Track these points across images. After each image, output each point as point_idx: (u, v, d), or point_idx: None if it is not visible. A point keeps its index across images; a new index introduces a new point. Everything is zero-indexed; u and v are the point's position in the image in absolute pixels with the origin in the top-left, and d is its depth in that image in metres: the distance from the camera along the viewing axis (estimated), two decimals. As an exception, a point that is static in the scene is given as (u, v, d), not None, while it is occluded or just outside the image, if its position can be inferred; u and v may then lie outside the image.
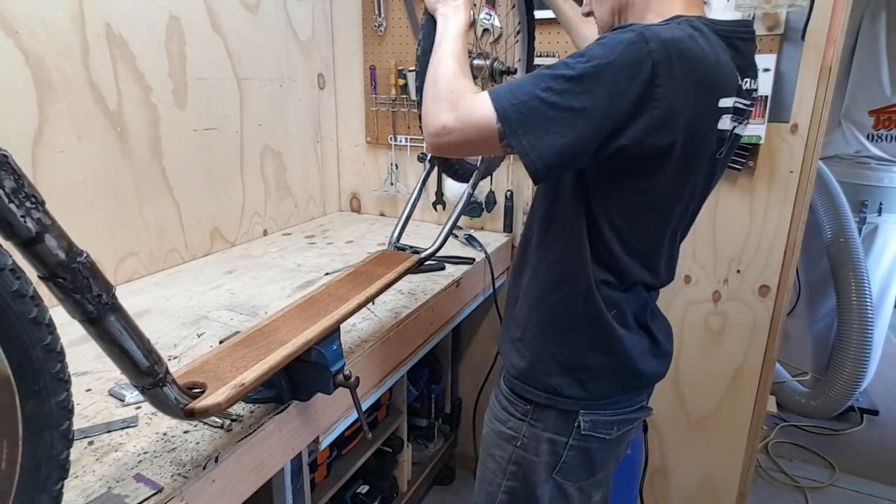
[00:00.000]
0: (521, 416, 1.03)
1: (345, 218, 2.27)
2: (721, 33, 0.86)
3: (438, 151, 0.88)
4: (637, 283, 0.96)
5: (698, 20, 0.85)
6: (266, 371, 0.84)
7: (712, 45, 0.83)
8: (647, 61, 0.76)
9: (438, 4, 1.03)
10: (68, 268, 0.57)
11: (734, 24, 0.89)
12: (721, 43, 0.85)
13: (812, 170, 1.59)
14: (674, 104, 0.78)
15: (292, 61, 2.00)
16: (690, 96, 0.79)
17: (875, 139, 2.80)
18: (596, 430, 1.00)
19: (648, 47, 0.76)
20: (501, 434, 1.06)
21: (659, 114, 0.78)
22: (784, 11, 1.50)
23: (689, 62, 0.78)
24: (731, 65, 0.86)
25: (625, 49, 0.76)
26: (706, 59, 0.80)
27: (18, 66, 1.22)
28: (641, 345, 1.00)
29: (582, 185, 0.91)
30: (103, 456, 0.84)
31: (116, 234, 1.48)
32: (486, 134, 0.81)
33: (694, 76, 0.79)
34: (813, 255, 2.72)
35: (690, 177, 0.89)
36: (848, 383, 2.58)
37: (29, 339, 0.53)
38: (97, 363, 1.10)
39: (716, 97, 0.83)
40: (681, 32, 0.79)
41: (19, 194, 0.52)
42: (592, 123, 0.77)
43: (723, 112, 0.85)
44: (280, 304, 1.34)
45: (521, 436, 1.03)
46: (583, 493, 1.06)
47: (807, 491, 2.33)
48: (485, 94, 0.82)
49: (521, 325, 1.04)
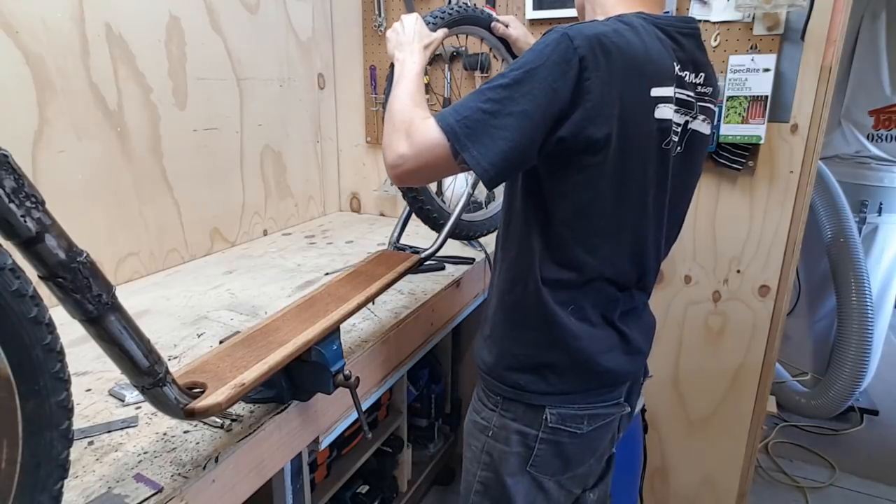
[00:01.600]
0: (492, 407, 1.05)
1: (345, 218, 2.27)
2: (660, 26, 0.91)
3: (401, 181, 0.91)
4: (596, 278, 0.96)
5: (634, 16, 0.90)
6: (266, 371, 0.84)
7: (641, 37, 0.86)
8: (574, 57, 0.80)
9: (396, 51, 1.09)
10: (68, 267, 0.57)
11: (675, 19, 0.95)
12: (660, 35, 0.90)
13: (812, 170, 1.59)
14: (603, 95, 0.82)
15: (292, 61, 2.01)
16: (618, 86, 0.83)
17: (875, 139, 2.80)
18: (564, 423, 1.01)
19: (573, 44, 0.80)
20: (476, 424, 1.08)
21: (591, 105, 0.82)
22: (784, 11, 1.50)
23: (613, 54, 0.82)
24: (668, 55, 0.89)
25: (553, 50, 0.81)
26: (632, 50, 0.84)
27: (18, 66, 1.22)
28: (606, 341, 1.00)
29: (533, 186, 0.94)
30: (103, 456, 0.84)
31: (116, 234, 1.48)
32: (439, 154, 0.84)
33: (620, 67, 0.83)
34: (813, 255, 2.72)
35: (634, 168, 0.90)
36: (848, 383, 2.58)
37: (29, 338, 0.53)
38: (97, 363, 1.10)
39: (646, 86, 0.86)
40: (604, 27, 0.84)
41: (19, 194, 0.52)
42: (532, 123, 0.81)
43: (658, 101, 0.88)
44: (280, 304, 1.34)
45: (491, 426, 1.05)
46: (563, 489, 1.07)
47: (807, 491, 2.33)
48: (432, 118, 0.85)
49: (489, 323, 1.07)
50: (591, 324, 0.99)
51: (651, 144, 0.90)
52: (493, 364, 1.05)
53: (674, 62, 0.90)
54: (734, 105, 1.59)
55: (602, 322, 1.00)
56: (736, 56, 1.57)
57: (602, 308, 0.99)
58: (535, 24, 1.84)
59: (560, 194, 0.91)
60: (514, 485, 1.04)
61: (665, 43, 0.90)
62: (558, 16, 1.77)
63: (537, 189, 0.93)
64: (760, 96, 1.56)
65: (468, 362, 2.32)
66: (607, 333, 1.01)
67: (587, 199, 0.90)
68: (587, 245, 0.93)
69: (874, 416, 2.84)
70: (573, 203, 0.91)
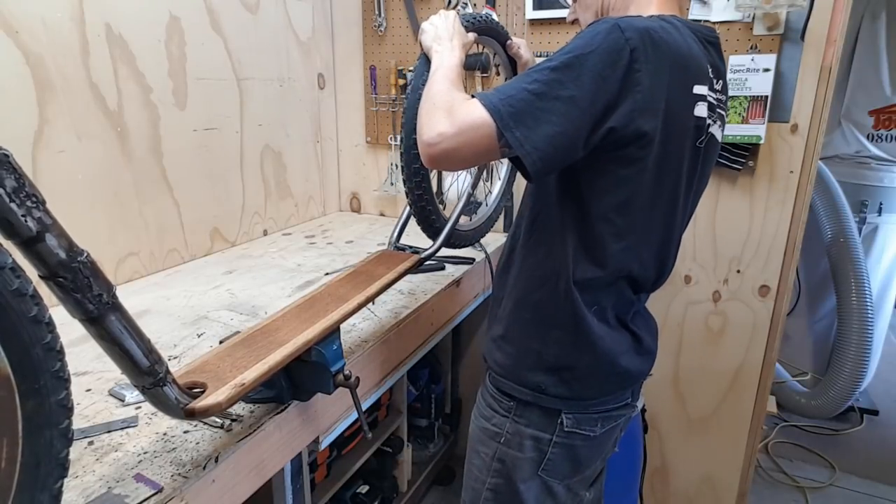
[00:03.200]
0: (504, 413, 1.03)
1: (345, 218, 2.27)
2: (693, 29, 0.93)
3: (435, 162, 0.85)
4: (622, 278, 0.96)
5: (672, 17, 0.91)
6: (266, 371, 0.84)
7: (684, 37, 0.88)
8: (625, 48, 0.79)
9: (434, 43, 1.06)
10: (69, 267, 0.57)
11: (703, 27, 0.97)
12: (694, 37, 0.91)
13: (812, 170, 1.59)
14: (652, 87, 0.81)
15: (292, 61, 2.01)
16: (666, 80, 0.83)
17: (875, 139, 2.80)
18: (579, 426, 1.01)
19: (625, 35, 0.80)
20: (486, 430, 1.07)
21: (641, 97, 0.81)
22: (784, 11, 1.50)
23: (662, 48, 0.82)
24: (703, 57, 0.91)
25: (603, 38, 0.80)
26: (678, 47, 0.85)
27: (18, 66, 1.22)
28: (623, 343, 1.01)
29: (570, 183, 0.93)
30: (103, 456, 0.84)
31: (116, 234, 1.48)
32: (483, 133, 0.80)
33: (668, 61, 0.83)
34: (813, 255, 2.72)
35: (672, 163, 0.90)
36: (848, 383, 2.58)
37: (29, 337, 0.53)
38: (97, 363, 1.10)
39: (689, 83, 0.87)
40: (651, 23, 0.84)
41: (20, 193, 0.52)
42: (580, 110, 0.79)
43: (698, 99, 0.89)
44: (280, 304, 1.34)
45: (504, 432, 1.03)
46: (570, 492, 1.07)
47: (807, 491, 2.33)
48: (475, 99, 0.83)
49: (503, 323, 1.06)
50: (609, 325, 0.99)
51: (688, 142, 0.91)
52: (509, 365, 1.03)
53: (707, 65, 0.92)
54: (734, 105, 1.59)
55: (617, 324, 1.00)
56: (736, 56, 1.57)
57: (618, 310, 1.00)
58: (535, 25, 1.84)
59: (602, 190, 0.89)
60: (526, 490, 1.03)
61: (700, 45, 0.92)
62: (558, 16, 1.77)
63: (575, 185, 0.92)
64: (760, 96, 1.56)
65: (468, 362, 2.31)
66: (622, 335, 1.01)
67: (629, 193, 0.89)
68: (623, 242, 0.93)
69: (874, 416, 2.84)
70: (615, 198, 0.89)
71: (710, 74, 0.92)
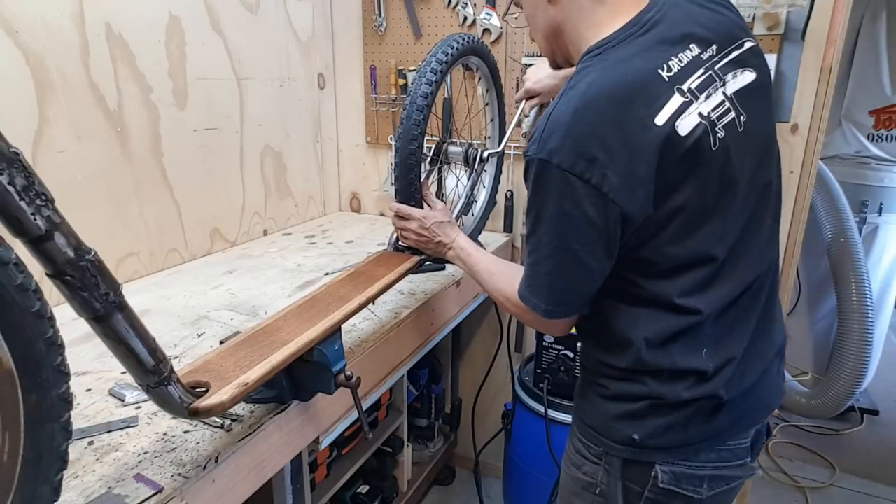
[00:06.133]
0: (595, 460, 0.95)
1: (345, 218, 2.27)
2: None
3: None
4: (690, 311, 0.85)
5: (621, 30, 0.81)
6: (269, 371, 0.84)
7: (638, 60, 0.78)
8: (565, 176, 0.76)
9: (445, 250, 1.23)
10: (77, 266, 0.57)
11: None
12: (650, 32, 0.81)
13: (812, 170, 1.59)
14: (624, 174, 0.76)
15: (292, 61, 2.00)
16: (624, 149, 0.75)
17: (875, 139, 2.80)
18: (679, 485, 0.89)
19: (553, 163, 0.77)
20: (578, 481, 0.98)
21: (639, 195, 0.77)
22: (784, 11, 1.51)
23: (597, 136, 0.76)
24: (654, 62, 0.78)
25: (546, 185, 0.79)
26: (616, 109, 0.76)
27: (18, 66, 1.22)
28: None
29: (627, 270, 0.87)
30: (103, 456, 0.84)
31: (116, 233, 1.48)
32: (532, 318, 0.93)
33: (609, 137, 0.76)
34: (813, 255, 2.72)
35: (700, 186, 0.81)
36: (848, 383, 2.58)
37: (32, 332, 0.53)
38: (98, 363, 1.10)
39: (649, 122, 0.76)
40: (568, 107, 0.77)
41: (30, 192, 0.53)
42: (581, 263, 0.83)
43: (673, 119, 0.77)
44: (280, 304, 1.34)
45: (598, 482, 0.94)
46: None
47: (807, 491, 2.33)
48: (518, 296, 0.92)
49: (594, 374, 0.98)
50: None
51: (699, 159, 0.79)
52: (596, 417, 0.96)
53: (660, 65, 0.78)
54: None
55: None
56: (736, 56, 1.57)
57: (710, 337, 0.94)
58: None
59: (655, 249, 0.83)
60: None
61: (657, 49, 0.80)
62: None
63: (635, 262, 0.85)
64: (761, 96, 1.56)
65: (468, 362, 2.31)
66: None
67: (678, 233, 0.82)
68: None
69: (874, 416, 2.84)
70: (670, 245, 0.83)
71: (662, 72, 0.78)
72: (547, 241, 0.82)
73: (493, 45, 1.89)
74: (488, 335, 2.22)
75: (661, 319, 0.85)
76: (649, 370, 0.87)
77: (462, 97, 1.96)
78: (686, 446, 0.89)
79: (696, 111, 0.78)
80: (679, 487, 0.89)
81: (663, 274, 0.84)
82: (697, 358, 0.86)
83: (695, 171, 0.79)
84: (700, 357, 0.86)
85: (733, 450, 0.91)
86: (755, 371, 0.92)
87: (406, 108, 1.25)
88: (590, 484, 0.95)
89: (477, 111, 1.92)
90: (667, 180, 0.78)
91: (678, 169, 0.78)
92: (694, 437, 0.88)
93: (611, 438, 0.91)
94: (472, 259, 1.15)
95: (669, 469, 0.88)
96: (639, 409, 0.89)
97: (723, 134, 0.81)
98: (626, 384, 0.90)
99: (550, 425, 1.68)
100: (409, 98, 1.25)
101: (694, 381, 0.86)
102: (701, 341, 0.86)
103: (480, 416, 2.21)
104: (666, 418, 0.88)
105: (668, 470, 0.88)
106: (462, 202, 1.61)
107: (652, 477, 0.89)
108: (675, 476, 0.88)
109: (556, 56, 0.98)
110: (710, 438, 0.89)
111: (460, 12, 1.92)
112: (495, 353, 2.10)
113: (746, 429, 0.92)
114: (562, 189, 0.77)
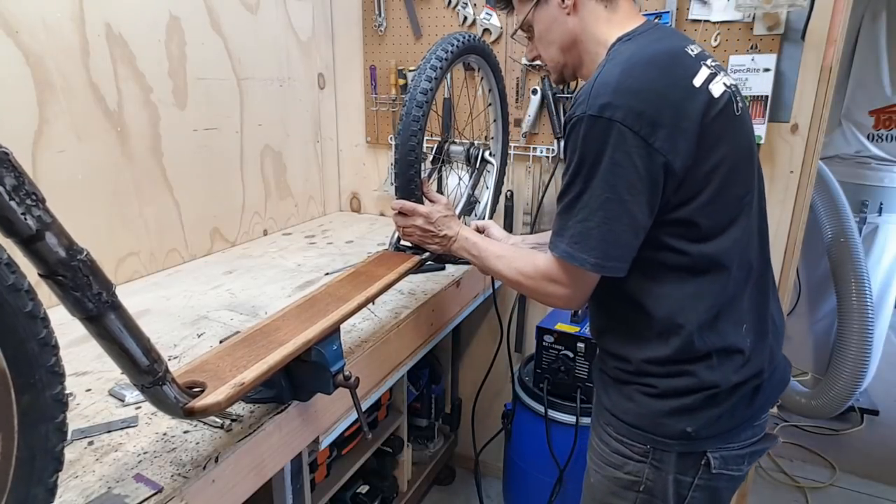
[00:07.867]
0: (640, 458, 0.95)
1: (345, 218, 2.27)
2: None
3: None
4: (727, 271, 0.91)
5: (638, 29, 0.93)
6: (266, 371, 0.84)
7: (666, 41, 0.91)
8: (617, 128, 0.81)
9: (450, 244, 1.21)
10: (68, 265, 0.57)
11: None
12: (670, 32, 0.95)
13: (812, 170, 1.58)
14: (669, 126, 0.82)
15: (292, 61, 2.00)
16: (669, 106, 0.83)
17: (875, 139, 2.79)
18: (727, 466, 0.93)
19: (605, 117, 0.81)
20: (618, 480, 0.98)
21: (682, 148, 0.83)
22: (784, 11, 1.50)
23: (644, 91, 0.83)
24: (680, 43, 0.91)
25: (597, 138, 0.83)
26: (659, 71, 0.85)
27: (18, 66, 1.22)
28: None
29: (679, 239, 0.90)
30: (103, 456, 0.84)
31: (116, 233, 1.48)
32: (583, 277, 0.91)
33: (655, 94, 0.83)
34: (813, 255, 2.72)
35: (734, 144, 0.89)
36: (848, 383, 2.58)
37: (24, 332, 0.53)
38: (98, 363, 1.09)
39: (688, 83, 0.86)
40: (615, 69, 0.84)
41: (20, 192, 0.52)
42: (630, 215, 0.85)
43: (706, 83, 0.87)
44: (280, 304, 1.34)
45: (643, 479, 0.95)
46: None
47: (807, 491, 2.33)
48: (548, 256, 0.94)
49: None
50: None
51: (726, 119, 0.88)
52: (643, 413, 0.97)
53: (690, 43, 0.92)
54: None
55: None
56: (736, 56, 1.57)
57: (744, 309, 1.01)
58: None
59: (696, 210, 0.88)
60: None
61: (677, 36, 0.94)
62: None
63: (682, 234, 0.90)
64: (760, 96, 1.56)
65: (468, 362, 2.31)
66: None
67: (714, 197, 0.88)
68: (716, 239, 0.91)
69: (874, 416, 2.84)
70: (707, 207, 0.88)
71: (691, 49, 0.91)
72: (598, 194, 0.84)
73: (492, 45, 1.89)
74: (488, 335, 2.22)
75: (707, 295, 0.89)
76: (698, 355, 0.90)
77: (464, 97, 1.96)
78: (732, 430, 0.93)
79: (721, 81, 0.89)
80: (727, 469, 0.93)
81: (706, 237, 0.88)
82: (738, 334, 0.91)
83: (729, 130, 0.88)
84: (740, 333, 0.91)
85: (762, 424, 0.98)
86: (778, 346, 0.99)
87: (406, 105, 1.24)
88: (633, 482, 0.96)
89: (479, 112, 1.92)
90: (707, 135, 0.85)
91: (715, 126, 0.86)
92: (738, 420, 0.93)
93: (661, 434, 0.93)
94: (479, 247, 1.15)
95: (719, 454, 0.92)
96: (691, 402, 0.91)
97: (741, 105, 0.92)
98: (674, 380, 0.92)
99: (550, 425, 1.68)
100: (409, 95, 1.25)
101: (741, 362, 0.91)
102: (741, 315, 0.92)
103: (480, 416, 2.21)
104: (719, 407, 0.91)
105: (718, 455, 0.92)
106: (463, 201, 1.61)
107: (703, 465, 0.92)
108: (724, 459, 0.93)
109: (566, 68, 1.04)
110: (749, 418, 0.95)
111: (460, 12, 1.92)
112: (495, 353, 2.10)
113: (772, 404, 0.99)
114: (614, 141, 0.81)
